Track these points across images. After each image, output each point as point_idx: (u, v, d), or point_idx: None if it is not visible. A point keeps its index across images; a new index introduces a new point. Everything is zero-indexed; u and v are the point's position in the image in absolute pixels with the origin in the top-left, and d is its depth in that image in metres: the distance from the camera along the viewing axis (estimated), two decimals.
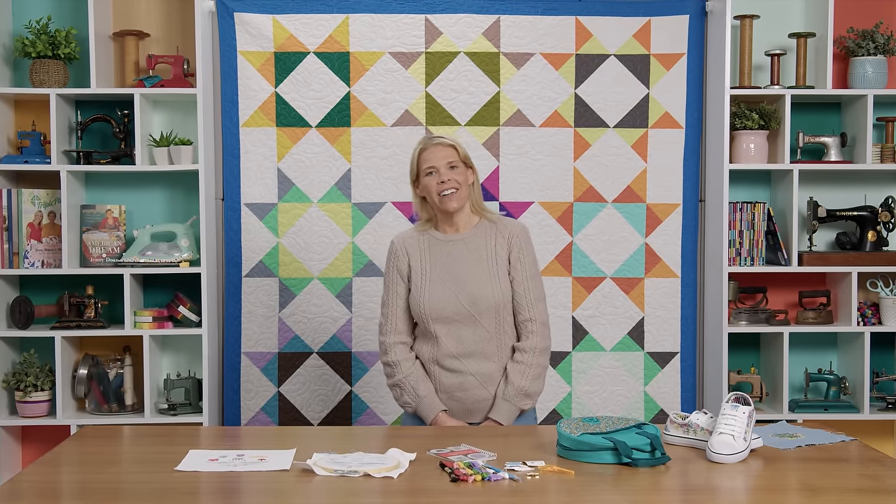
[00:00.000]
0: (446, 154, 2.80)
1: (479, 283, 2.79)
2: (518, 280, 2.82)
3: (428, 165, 2.80)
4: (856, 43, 3.78)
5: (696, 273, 3.89)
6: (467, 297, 2.78)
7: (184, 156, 3.71)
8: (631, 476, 2.15)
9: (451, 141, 2.84)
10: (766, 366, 3.93)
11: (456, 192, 2.79)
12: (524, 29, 3.81)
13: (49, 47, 3.63)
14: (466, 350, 2.79)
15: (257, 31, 3.77)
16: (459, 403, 2.81)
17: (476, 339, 2.79)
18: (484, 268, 2.81)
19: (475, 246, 2.84)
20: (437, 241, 2.86)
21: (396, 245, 2.89)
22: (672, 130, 3.86)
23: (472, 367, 2.79)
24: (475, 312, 2.78)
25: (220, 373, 3.84)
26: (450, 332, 2.79)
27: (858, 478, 2.19)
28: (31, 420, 3.68)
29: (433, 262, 2.83)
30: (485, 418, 2.81)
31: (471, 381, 2.79)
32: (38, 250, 3.70)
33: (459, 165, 2.82)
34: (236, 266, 3.81)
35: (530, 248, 2.88)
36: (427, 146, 2.82)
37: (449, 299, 2.78)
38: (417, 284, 2.82)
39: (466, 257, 2.82)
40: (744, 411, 2.29)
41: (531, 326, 2.82)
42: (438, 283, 2.80)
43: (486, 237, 2.85)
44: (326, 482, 2.10)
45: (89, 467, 2.30)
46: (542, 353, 2.83)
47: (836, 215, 3.83)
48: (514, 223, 2.90)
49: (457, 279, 2.80)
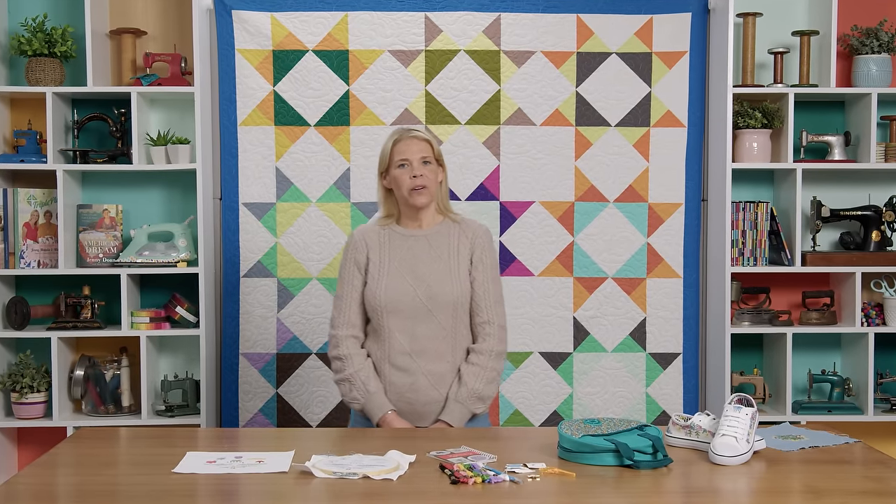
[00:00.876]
0: (421, 148, 2.77)
1: (439, 278, 2.76)
2: (479, 281, 2.80)
3: (402, 157, 2.76)
4: (860, 41, 3.78)
5: (699, 273, 3.89)
6: (425, 292, 2.75)
7: (181, 155, 3.71)
8: (633, 478, 2.15)
9: (426, 136, 2.80)
10: (769, 367, 3.93)
11: (426, 189, 2.76)
12: (525, 27, 3.81)
13: (45, 45, 3.63)
14: (419, 347, 2.75)
15: (255, 28, 3.77)
16: (410, 406, 2.75)
17: (430, 336, 2.75)
18: (444, 264, 2.78)
19: (437, 242, 2.81)
20: (399, 236, 2.83)
21: (356, 237, 2.86)
22: (674, 129, 3.85)
23: (425, 367, 2.74)
24: (432, 307, 2.74)
25: (218, 374, 3.83)
26: (404, 328, 2.75)
27: (862, 480, 2.19)
28: (27, 422, 3.68)
29: (392, 256, 2.80)
30: (435, 420, 2.76)
31: (422, 382, 2.74)
32: (35, 250, 3.70)
33: (432, 162, 2.79)
34: (234, 266, 3.81)
35: (492, 250, 2.87)
36: (402, 138, 2.79)
37: (406, 292, 2.75)
38: (374, 276, 2.78)
39: (427, 253, 2.80)
40: (747, 413, 2.29)
41: (489, 329, 2.79)
42: (397, 275, 2.77)
43: (449, 235, 2.83)
44: (325, 484, 2.10)
45: (86, 469, 2.30)
46: (498, 356, 2.79)
47: (840, 215, 3.83)
48: (478, 225, 2.88)
49: (416, 273, 2.77)
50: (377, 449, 2.32)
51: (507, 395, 3.85)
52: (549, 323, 3.85)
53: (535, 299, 3.84)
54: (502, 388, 3.84)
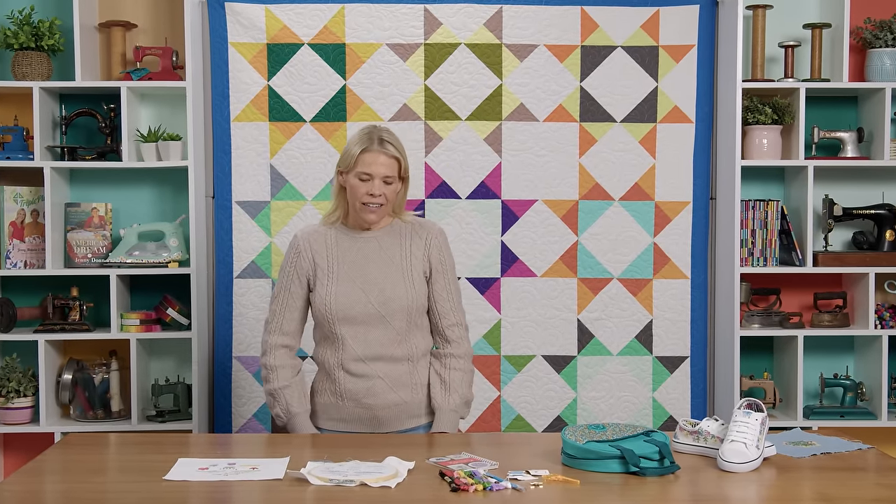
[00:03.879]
0: (387, 167, 2.71)
1: (392, 282, 2.74)
2: (441, 284, 2.81)
3: (364, 171, 2.69)
4: (873, 34, 3.78)
5: (707, 274, 3.89)
6: (377, 297, 2.72)
7: (172, 152, 3.71)
8: (639, 486, 2.15)
9: (397, 153, 2.72)
10: (780, 371, 3.93)
11: (382, 207, 2.73)
12: (527, 19, 3.81)
13: (32, 38, 3.64)
14: (373, 353, 2.74)
15: (249, 21, 3.77)
16: (368, 410, 2.76)
17: (384, 342, 2.74)
18: (397, 267, 2.77)
19: (387, 244, 2.79)
20: (347, 238, 2.80)
21: (300, 242, 2.81)
22: (681, 125, 3.86)
23: (381, 371, 2.75)
24: (385, 313, 2.72)
25: (211, 378, 3.84)
26: (356, 334, 2.74)
27: (876, 487, 2.19)
28: (14, 427, 3.68)
29: (341, 260, 2.77)
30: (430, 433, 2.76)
31: (380, 385, 2.74)
32: (21, 250, 3.71)
33: (395, 182, 2.74)
34: (227, 267, 3.81)
35: (449, 251, 2.87)
36: (370, 149, 2.70)
37: (357, 298, 2.72)
38: (323, 283, 2.75)
39: (378, 255, 2.77)
40: (756, 418, 2.30)
41: (459, 332, 2.83)
42: (346, 281, 2.74)
43: (401, 236, 2.81)
44: (321, 492, 2.10)
45: (74, 476, 2.30)
46: (469, 358, 2.86)
47: (853, 214, 3.83)
48: (433, 225, 2.86)
49: (367, 278, 2.74)
50: (375, 455, 2.32)
51: (510, 399, 3.85)
52: (552, 325, 3.85)
53: (538, 301, 3.85)
54: (504, 392, 3.85)
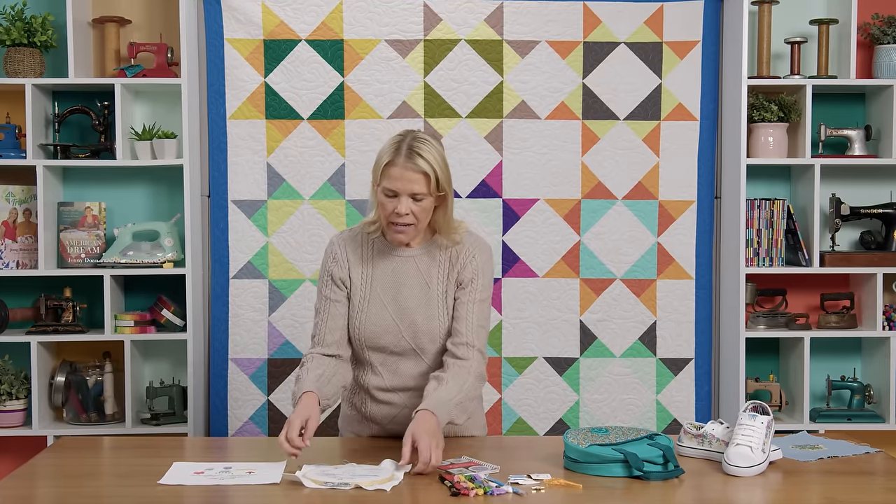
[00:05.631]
0: (415, 184, 2.45)
1: (426, 313, 2.57)
2: (462, 301, 2.56)
3: (390, 187, 2.46)
4: (881, 30, 3.78)
5: (712, 274, 3.89)
6: (409, 328, 2.56)
7: (167, 150, 3.71)
8: (642, 490, 2.15)
9: (427, 167, 2.45)
10: (786, 373, 3.93)
11: (412, 227, 2.51)
12: (529, 15, 3.81)
13: (24, 34, 3.64)
14: (402, 384, 2.60)
15: (245, 17, 3.77)
16: (392, 433, 2.65)
17: (415, 374, 2.59)
18: (433, 294, 2.58)
19: (426, 265, 2.59)
20: (383, 254, 2.61)
21: (336, 249, 2.63)
22: (686, 123, 3.86)
23: (409, 401, 2.58)
24: (416, 346, 2.57)
25: (206, 380, 3.84)
26: (386, 362, 2.61)
27: (884, 492, 2.20)
28: (6, 430, 3.68)
29: (375, 279, 2.59)
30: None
31: (405, 414, 2.57)
32: (13, 250, 3.71)
33: (426, 197, 2.48)
34: (223, 267, 3.81)
35: (488, 271, 2.61)
36: (397, 162, 2.45)
37: (388, 328, 2.57)
38: (355, 303, 2.60)
39: (415, 279, 2.59)
40: (762, 421, 2.30)
41: (469, 352, 2.53)
42: (378, 306, 2.58)
43: (441, 257, 2.60)
44: (317, 495, 2.10)
45: (67, 481, 2.30)
46: (478, 378, 2.55)
47: (861, 213, 3.83)
48: (475, 241, 2.63)
49: (399, 304, 2.57)
50: (371, 458, 2.32)
51: (511, 402, 3.85)
52: (554, 327, 3.85)
53: (540, 302, 3.84)
54: (505, 395, 3.84)
